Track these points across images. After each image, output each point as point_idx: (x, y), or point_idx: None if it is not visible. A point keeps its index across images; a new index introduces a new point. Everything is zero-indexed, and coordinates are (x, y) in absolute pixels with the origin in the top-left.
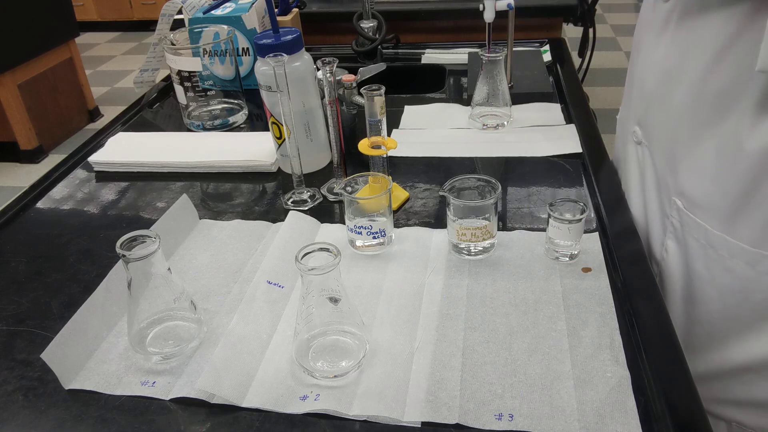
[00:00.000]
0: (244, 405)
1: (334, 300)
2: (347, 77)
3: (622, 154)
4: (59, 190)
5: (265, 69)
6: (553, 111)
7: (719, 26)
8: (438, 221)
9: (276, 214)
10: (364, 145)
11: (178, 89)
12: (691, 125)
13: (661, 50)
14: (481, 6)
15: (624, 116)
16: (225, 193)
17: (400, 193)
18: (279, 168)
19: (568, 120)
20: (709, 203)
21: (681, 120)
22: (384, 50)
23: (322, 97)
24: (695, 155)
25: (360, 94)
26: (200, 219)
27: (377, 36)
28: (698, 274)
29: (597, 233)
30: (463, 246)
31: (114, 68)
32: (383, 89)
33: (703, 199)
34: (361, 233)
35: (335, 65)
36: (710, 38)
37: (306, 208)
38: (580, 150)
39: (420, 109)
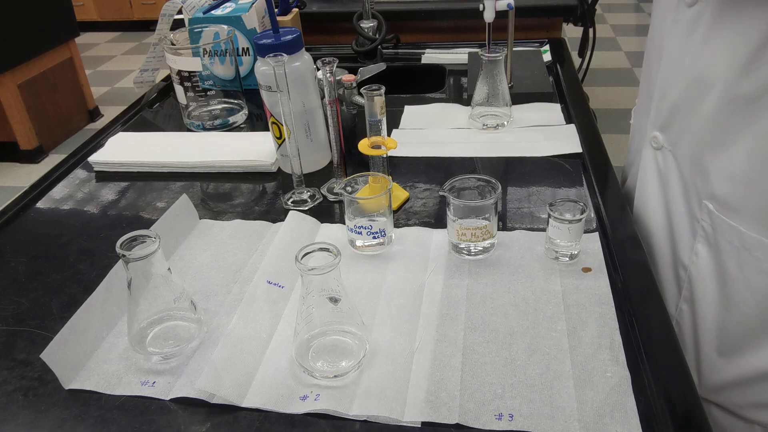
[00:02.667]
0: (244, 405)
1: (334, 300)
2: (347, 77)
3: (635, 159)
4: (59, 190)
5: (265, 69)
6: (553, 111)
7: (753, 29)
8: (438, 221)
9: (276, 214)
10: (364, 145)
11: (178, 89)
12: (722, 129)
13: (689, 56)
14: (481, 6)
15: (640, 123)
16: (225, 193)
17: (400, 193)
18: (279, 168)
19: (568, 120)
20: (743, 205)
21: (711, 124)
22: (384, 50)
23: (322, 97)
24: (727, 158)
25: (360, 94)
26: (200, 219)
27: (377, 36)
28: (732, 277)
29: (597, 233)
30: (463, 246)
31: (114, 68)
32: (383, 89)
33: (736, 202)
34: (361, 233)
35: (335, 65)
36: (743, 41)
37: (306, 208)
38: (580, 150)
39: (420, 109)
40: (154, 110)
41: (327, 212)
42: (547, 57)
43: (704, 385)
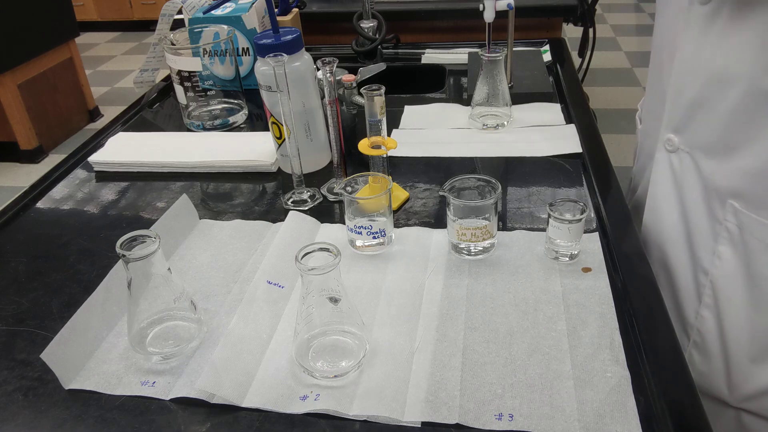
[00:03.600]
0: (244, 405)
1: (334, 300)
2: (347, 77)
3: (647, 166)
4: (59, 190)
5: (265, 69)
6: (553, 111)
7: None
8: (438, 221)
9: (276, 214)
10: (364, 145)
11: (178, 89)
12: (747, 125)
13: (706, 53)
14: (481, 6)
15: (650, 128)
16: (225, 193)
17: (400, 193)
18: (279, 168)
19: (568, 120)
20: None
21: (734, 121)
22: (384, 50)
23: (322, 97)
24: (754, 154)
25: (360, 94)
26: (200, 219)
27: (377, 36)
28: (764, 277)
29: (597, 233)
30: (463, 246)
31: (114, 68)
32: (383, 89)
33: (766, 198)
34: (361, 233)
35: (335, 65)
36: (766, 36)
37: (306, 208)
38: (580, 150)
39: (420, 109)
40: (154, 110)
41: (327, 212)
42: (547, 57)
43: (735, 394)
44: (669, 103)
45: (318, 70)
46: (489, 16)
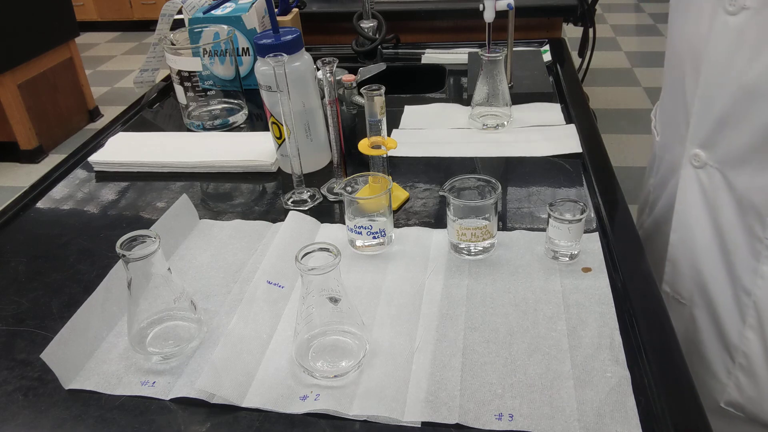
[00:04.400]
0: (244, 405)
1: (334, 300)
2: (347, 77)
3: (667, 180)
4: (59, 190)
5: (265, 69)
6: (553, 111)
7: None
8: (438, 221)
9: (276, 214)
10: (364, 145)
11: (178, 89)
12: None
13: (738, 66)
14: (481, 6)
15: (669, 140)
16: (225, 193)
17: (400, 193)
18: (279, 168)
19: (568, 120)
20: None
21: None
22: (384, 50)
23: (322, 97)
24: None
25: (360, 94)
26: (200, 219)
27: (377, 36)
28: None
29: (597, 233)
30: (463, 246)
31: (114, 68)
32: (383, 89)
33: None
34: (361, 233)
35: (335, 65)
36: None
37: (306, 208)
38: (580, 150)
39: (420, 109)
40: (154, 110)
41: (327, 212)
42: (547, 57)
43: None
44: (695, 116)
45: (318, 70)
46: (489, 16)
